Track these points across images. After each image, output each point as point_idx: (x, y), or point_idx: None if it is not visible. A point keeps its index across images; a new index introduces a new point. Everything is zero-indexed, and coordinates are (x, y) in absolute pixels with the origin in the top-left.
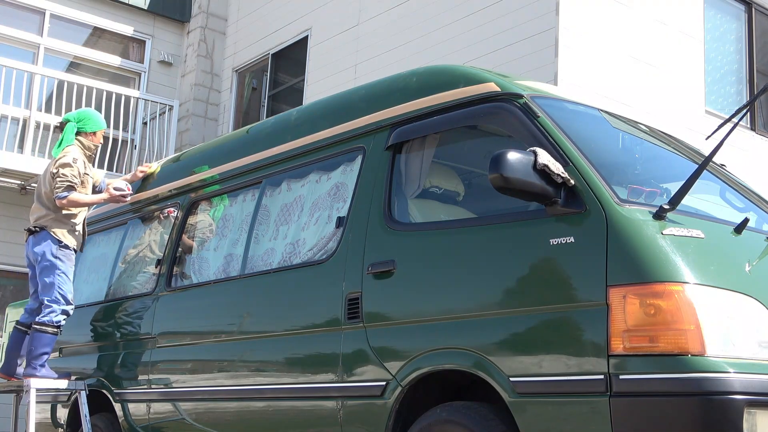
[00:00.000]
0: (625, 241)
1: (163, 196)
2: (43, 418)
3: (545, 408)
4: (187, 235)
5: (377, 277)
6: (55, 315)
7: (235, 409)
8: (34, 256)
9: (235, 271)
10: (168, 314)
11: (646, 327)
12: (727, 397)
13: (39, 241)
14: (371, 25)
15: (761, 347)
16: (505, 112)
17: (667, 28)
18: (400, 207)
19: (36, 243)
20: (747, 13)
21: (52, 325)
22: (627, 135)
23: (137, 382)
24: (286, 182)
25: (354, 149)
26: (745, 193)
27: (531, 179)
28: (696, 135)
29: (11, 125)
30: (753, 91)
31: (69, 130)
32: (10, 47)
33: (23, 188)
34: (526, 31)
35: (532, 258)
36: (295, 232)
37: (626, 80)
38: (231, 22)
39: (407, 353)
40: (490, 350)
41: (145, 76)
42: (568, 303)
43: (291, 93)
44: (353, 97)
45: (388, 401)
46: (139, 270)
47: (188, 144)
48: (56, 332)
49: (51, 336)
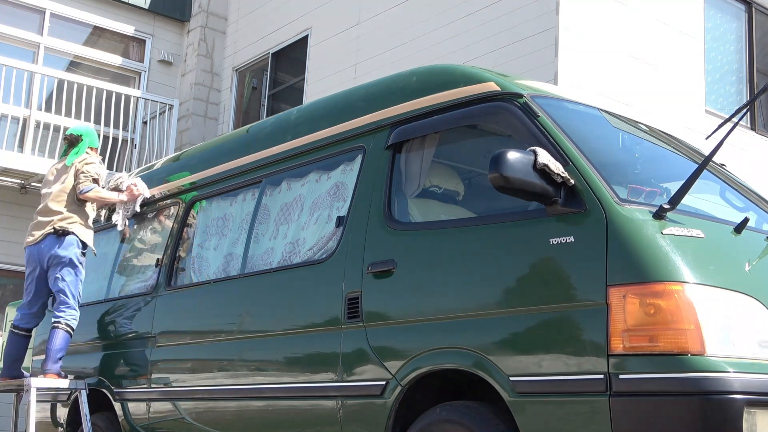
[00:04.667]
0: (625, 241)
1: (163, 196)
2: (43, 417)
3: (545, 407)
4: (187, 235)
5: (377, 277)
6: (73, 318)
7: (235, 409)
8: (56, 258)
9: (235, 271)
10: (168, 313)
11: (646, 326)
12: (726, 397)
13: (66, 244)
14: (371, 25)
15: (761, 347)
16: (505, 111)
17: (667, 27)
18: (400, 206)
19: (61, 245)
20: (747, 12)
21: (71, 327)
22: (627, 135)
23: (137, 382)
24: (286, 182)
25: (354, 149)
26: (745, 193)
27: (531, 179)
28: (696, 135)
29: (11, 124)
30: (753, 90)
31: (84, 144)
32: (10, 46)
33: (23, 187)
34: (526, 31)
35: (532, 257)
36: (295, 231)
37: (626, 80)
38: (231, 21)
39: (407, 353)
40: (489, 350)
41: (145, 76)
42: (568, 302)
43: (291, 92)
44: (353, 97)
45: (387, 401)
46: (139, 269)
47: (188, 143)
48: (72, 333)
49: (69, 336)
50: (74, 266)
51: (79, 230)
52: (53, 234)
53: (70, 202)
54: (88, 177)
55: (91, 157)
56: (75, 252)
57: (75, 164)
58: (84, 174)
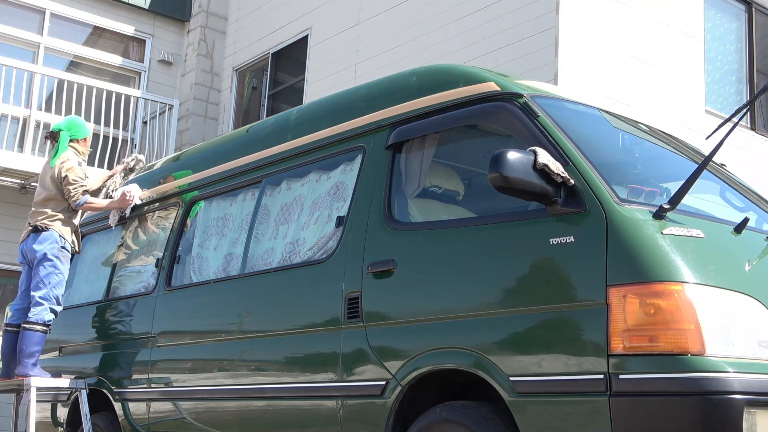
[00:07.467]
0: (624, 241)
1: (163, 196)
2: (43, 417)
3: (545, 407)
4: (187, 235)
5: (377, 277)
6: (46, 313)
7: (235, 409)
8: (32, 253)
9: (235, 271)
10: (168, 313)
11: (646, 326)
12: (726, 397)
13: (42, 239)
14: (371, 24)
15: (761, 347)
16: (505, 111)
17: (668, 27)
18: (400, 206)
19: (38, 241)
20: (747, 12)
21: (43, 324)
22: (627, 135)
23: (137, 382)
24: (286, 181)
25: (354, 149)
26: (745, 193)
27: (531, 179)
28: (696, 135)
29: (11, 124)
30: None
31: (63, 139)
32: (11, 46)
33: (23, 187)
34: (526, 30)
35: (531, 257)
36: (295, 231)
37: (626, 80)
38: (231, 21)
39: (407, 353)
40: (489, 350)
41: (145, 76)
42: (568, 302)
43: (291, 92)
44: (353, 97)
45: (387, 401)
46: (138, 269)
47: (188, 143)
48: (46, 331)
49: (42, 335)
50: (48, 261)
51: (58, 227)
52: (34, 231)
53: (56, 201)
54: (77, 188)
55: (72, 159)
56: (51, 248)
57: (57, 166)
58: (72, 185)
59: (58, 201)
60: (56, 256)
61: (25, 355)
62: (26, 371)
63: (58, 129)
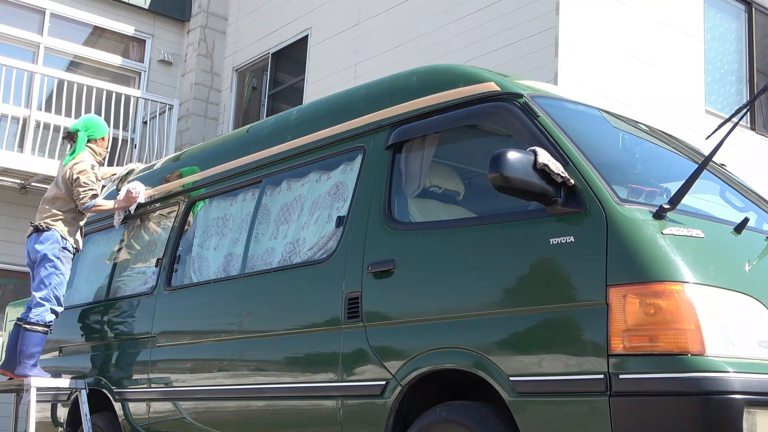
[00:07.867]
0: (625, 241)
1: (163, 196)
2: (43, 417)
3: (545, 407)
4: (187, 235)
5: (377, 277)
6: (47, 314)
7: (235, 409)
8: (34, 253)
9: (235, 271)
10: (168, 313)
11: (646, 326)
12: (726, 397)
13: (43, 239)
14: (371, 24)
15: (761, 347)
16: (505, 111)
17: (668, 27)
18: (400, 206)
19: (39, 240)
20: (747, 12)
21: (43, 324)
22: (627, 135)
23: (137, 382)
24: (286, 181)
25: (354, 149)
26: (745, 193)
27: (531, 179)
28: (696, 135)
29: (11, 124)
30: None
31: (81, 140)
32: (10, 46)
33: (23, 187)
34: (526, 31)
35: (532, 257)
36: (295, 231)
37: (626, 80)
38: (231, 21)
39: (407, 353)
40: (489, 350)
41: (145, 76)
42: (568, 302)
43: (291, 92)
44: (353, 97)
45: (388, 400)
46: (139, 269)
47: (188, 143)
48: (47, 331)
49: (42, 335)
50: (49, 261)
51: (60, 227)
52: (36, 231)
53: (63, 201)
54: (86, 191)
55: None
56: (52, 248)
57: (69, 166)
58: (82, 187)
59: (66, 201)
60: (57, 256)
61: (25, 356)
62: (26, 371)
63: (75, 129)
